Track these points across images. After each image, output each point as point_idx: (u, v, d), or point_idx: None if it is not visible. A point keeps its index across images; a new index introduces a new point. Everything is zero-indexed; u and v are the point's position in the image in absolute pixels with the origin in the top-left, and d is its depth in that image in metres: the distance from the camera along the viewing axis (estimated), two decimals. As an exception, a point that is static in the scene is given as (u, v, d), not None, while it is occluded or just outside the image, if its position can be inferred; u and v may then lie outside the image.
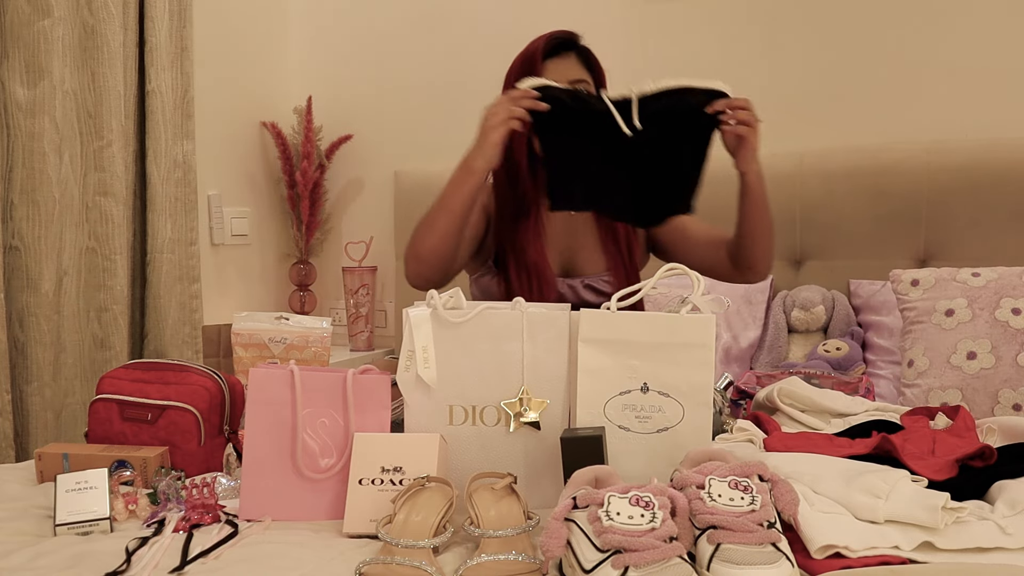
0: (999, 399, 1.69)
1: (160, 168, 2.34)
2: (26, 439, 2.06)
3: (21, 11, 2.03)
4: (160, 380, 1.43)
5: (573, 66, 1.67)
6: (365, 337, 2.80)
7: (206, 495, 1.20)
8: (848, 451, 1.22)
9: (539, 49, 1.64)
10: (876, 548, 0.96)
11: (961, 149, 2.12)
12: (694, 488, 0.97)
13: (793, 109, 2.39)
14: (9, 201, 2.04)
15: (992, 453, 1.12)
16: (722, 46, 2.45)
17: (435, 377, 1.23)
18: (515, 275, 1.65)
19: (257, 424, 1.22)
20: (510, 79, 1.66)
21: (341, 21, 2.95)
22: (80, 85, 2.16)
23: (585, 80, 1.66)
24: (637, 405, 1.20)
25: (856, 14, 2.32)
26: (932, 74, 2.26)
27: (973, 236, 2.09)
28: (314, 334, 1.75)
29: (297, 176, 2.84)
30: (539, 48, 1.64)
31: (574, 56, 1.68)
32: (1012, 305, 1.73)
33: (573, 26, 1.72)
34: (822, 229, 2.24)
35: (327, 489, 1.20)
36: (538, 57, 1.63)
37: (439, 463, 1.16)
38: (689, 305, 1.20)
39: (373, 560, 0.98)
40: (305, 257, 2.94)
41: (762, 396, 1.52)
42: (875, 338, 2.08)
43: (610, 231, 1.71)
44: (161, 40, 2.32)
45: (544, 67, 1.63)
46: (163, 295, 2.34)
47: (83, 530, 1.14)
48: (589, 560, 0.90)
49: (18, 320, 2.05)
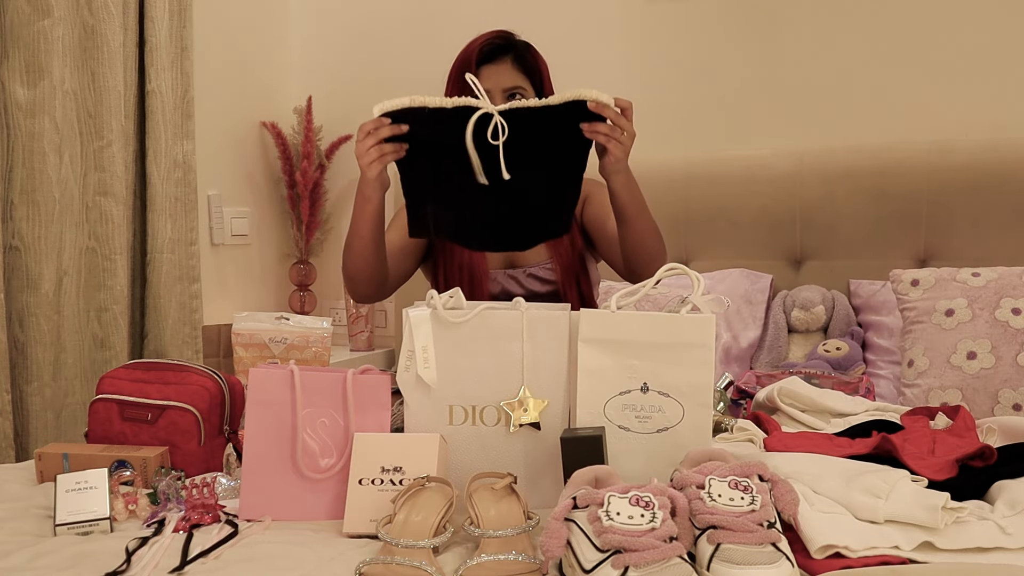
0: (999, 399, 1.69)
1: (160, 168, 2.34)
2: (26, 439, 2.06)
3: (21, 11, 2.03)
4: (160, 380, 1.42)
5: (507, 71, 1.63)
6: (365, 337, 2.80)
7: (206, 495, 1.20)
8: (848, 451, 1.22)
9: (473, 55, 1.61)
10: (876, 548, 0.96)
11: (961, 149, 2.12)
12: (694, 488, 0.97)
13: (793, 109, 2.39)
14: (9, 201, 2.04)
15: (992, 453, 1.13)
16: (722, 46, 2.45)
17: (435, 377, 1.23)
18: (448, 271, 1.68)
19: (257, 424, 1.22)
20: (449, 83, 1.64)
21: (341, 21, 2.95)
22: (80, 85, 2.16)
23: (520, 87, 1.63)
24: (637, 405, 1.20)
25: (856, 14, 2.32)
26: (932, 74, 2.26)
27: (973, 236, 2.09)
28: (314, 334, 1.76)
29: (297, 176, 2.84)
30: (473, 54, 1.61)
31: (509, 60, 1.64)
32: (1012, 305, 1.74)
33: (573, 26, 1.72)
34: (822, 229, 2.24)
35: (327, 489, 1.20)
36: (472, 64, 1.60)
37: (439, 463, 1.16)
38: (689, 305, 1.20)
39: (373, 560, 0.98)
40: (305, 257, 2.94)
41: (762, 396, 1.52)
42: (875, 338, 2.08)
43: None
44: (161, 40, 2.32)
45: (479, 73, 1.60)
46: (163, 295, 2.34)
47: (83, 530, 1.14)
48: (589, 560, 0.90)
49: (18, 320, 2.05)
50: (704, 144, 2.44)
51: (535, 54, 1.66)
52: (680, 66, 2.50)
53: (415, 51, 2.82)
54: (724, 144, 2.45)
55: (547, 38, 1.71)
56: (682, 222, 2.35)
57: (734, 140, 2.44)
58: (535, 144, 1.35)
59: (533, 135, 1.34)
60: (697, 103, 2.47)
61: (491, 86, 1.59)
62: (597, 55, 2.54)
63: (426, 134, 1.37)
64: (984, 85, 2.21)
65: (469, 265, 1.66)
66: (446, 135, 1.34)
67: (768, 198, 2.27)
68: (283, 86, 2.97)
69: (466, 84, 1.43)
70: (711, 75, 2.47)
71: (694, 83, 2.46)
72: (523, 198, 1.40)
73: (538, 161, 1.37)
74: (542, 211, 1.43)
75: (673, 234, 2.35)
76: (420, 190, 1.43)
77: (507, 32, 1.66)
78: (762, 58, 2.41)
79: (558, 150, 1.37)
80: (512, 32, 1.67)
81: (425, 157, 1.39)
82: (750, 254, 2.30)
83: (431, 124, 1.35)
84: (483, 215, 1.43)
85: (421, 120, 1.35)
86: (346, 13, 2.94)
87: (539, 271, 1.70)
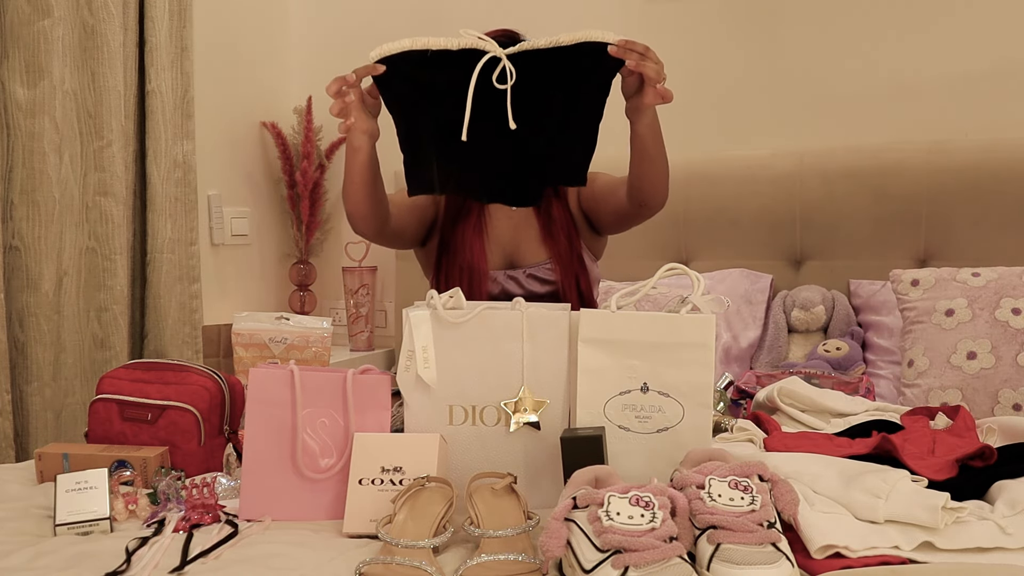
0: (999, 399, 1.69)
1: (160, 168, 2.34)
2: (26, 439, 2.06)
3: (21, 11, 2.02)
4: (160, 380, 1.42)
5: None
6: (365, 337, 2.80)
7: (206, 495, 1.20)
8: (848, 451, 1.22)
9: None
10: (876, 548, 0.96)
11: (961, 149, 2.12)
12: (694, 488, 0.97)
13: (793, 109, 2.39)
14: (9, 201, 2.04)
15: (992, 453, 1.13)
16: (722, 46, 2.45)
17: (435, 377, 1.23)
18: (449, 272, 1.67)
19: (257, 424, 1.22)
20: None
21: (341, 21, 2.95)
22: (80, 85, 2.15)
23: None
24: (637, 405, 1.20)
25: (856, 14, 2.32)
26: (932, 74, 2.26)
27: (973, 236, 2.09)
28: (314, 334, 1.76)
29: (297, 176, 2.84)
30: None
31: None
32: (1012, 305, 1.74)
33: (573, 26, 1.71)
34: (822, 229, 2.24)
35: (327, 489, 1.20)
36: None
37: (439, 463, 1.16)
38: (689, 305, 1.20)
39: (373, 560, 0.98)
40: (305, 257, 2.94)
41: (762, 396, 1.52)
42: (875, 338, 2.08)
43: (548, 221, 1.70)
44: (161, 40, 2.32)
45: None
46: (163, 295, 2.34)
47: (83, 530, 1.14)
48: (589, 560, 0.90)
49: (18, 320, 2.05)
50: (704, 144, 2.44)
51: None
52: (680, 66, 2.49)
53: (415, 51, 2.82)
54: (724, 144, 2.45)
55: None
56: (682, 222, 2.35)
57: (734, 140, 2.44)
58: (545, 89, 1.30)
59: (543, 80, 1.30)
60: (697, 103, 2.47)
61: None
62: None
63: (427, 79, 1.31)
64: (984, 86, 2.21)
65: (469, 266, 1.66)
66: (449, 80, 1.29)
67: (768, 198, 2.27)
68: (283, 86, 2.97)
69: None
70: (711, 75, 2.47)
71: (694, 83, 2.46)
72: (534, 147, 1.35)
73: (549, 107, 1.32)
74: (554, 160, 1.37)
75: (673, 234, 2.36)
76: (419, 141, 1.36)
77: (514, 32, 1.64)
78: (762, 58, 2.41)
79: (571, 96, 1.32)
80: (518, 32, 1.66)
81: (426, 104, 1.33)
82: (750, 254, 2.30)
83: (433, 68, 1.30)
84: (491, 164, 1.37)
85: (422, 64, 1.30)
86: (346, 13, 2.94)
87: (539, 271, 1.70)
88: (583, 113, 1.34)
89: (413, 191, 1.41)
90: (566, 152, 1.37)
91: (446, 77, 1.30)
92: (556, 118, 1.34)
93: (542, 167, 1.40)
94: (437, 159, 1.37)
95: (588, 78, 1.31)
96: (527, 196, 1.45)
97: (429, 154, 1.37)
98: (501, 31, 1.63)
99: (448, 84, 1.30)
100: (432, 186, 1.40)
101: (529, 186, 1.43)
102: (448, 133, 1.33)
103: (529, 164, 1.39)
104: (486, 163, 1.38)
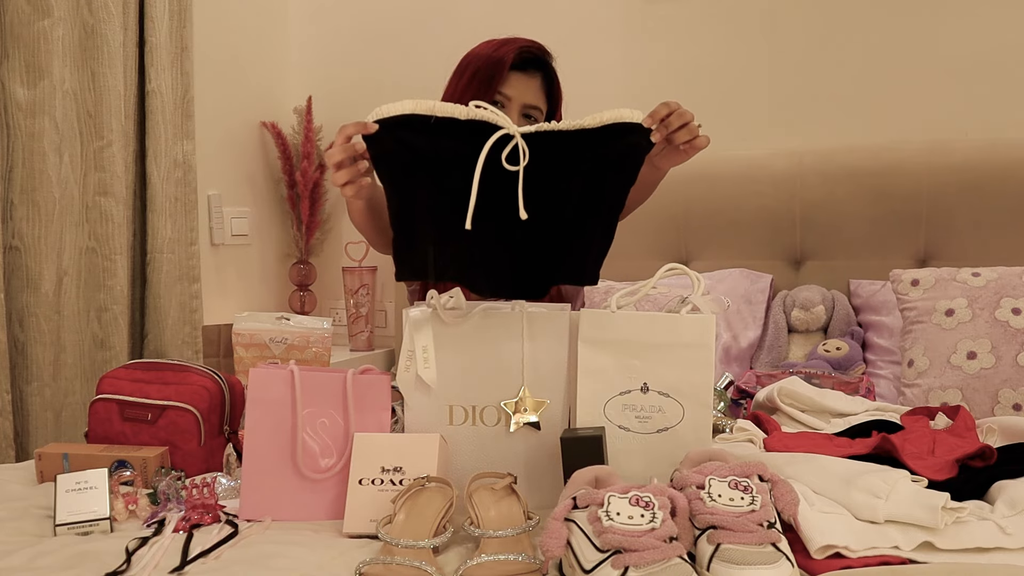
0: (999, 399, 1.68)
1: (160, 168, 2.34)
2: (26, 439, 2.06)
3: (21, 11, 2.02)
4: (160, 380, 1.43)
5: (534, 87, 1.57)
6: (365, 337, 2.80)
7: (206, 495, 1.20)
8: (848, 451, 1.22)
9: (508, 58, 1.53)
10: (876, 548, 0.96)
11: (961, 149, 2.12)
12: (694, 488, 0.97)
13: (793, 109, 2.39)
14: (9, 201, 2.04)
15: (992, 453, 1.13)
16: (722, 46, 2.45)
17: (435, 377, 1.23)
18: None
19: (257, 424, 1.22)
20: (465, 76, 1.55)
21: (341, 21, 2.95)
22: (80, 85, 2.16)
23: (538, 108, 1.57)
24: (637, 405, 1.20)
25: (856, 14, 2.32)
26: (932, 74, 2.26)
27: (973, 236, 2.09)
28: (315, 334, 1.75)
29: (297, 176, 2.84)
30: (509, 57, 1.53)
31: (540, 77, 1.58)
32: (1012, 305, 1.73)
33: (574, 26, 1.71)
34: (822, 229, 2.23)
35: (327, 489, 1.20)
36: (505, 66, 1.52)
37: (439, 463, 1.16)
38: (689, 305, 1.20)
39: (373, 560, 0.98)
40: (305, 257, 2.94)
41: (762, 396, 1.52)
42: (875, 338, 2.08)
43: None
44: (161, 40, 2.32)
45: (507, 78, 1.53)
46: (163, 295, 2.34)
47: (83, 530, 1.14)
48: (589, 560, 0.90)
49: (18, 320, 2.05)
50: (704, 144, 2.44)
51: (558, 80, 1.62)
52: (680, 66, 2.50)
53: (416, 51, 2.82)
54: (724, 144, 2.44)
55: (548, 38, 1.70)
56: (682, 222, 2.34)
57: (734, 140, 2.44)
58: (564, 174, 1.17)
59: (561, 164, 1.17)
60: (697, 103, 2.44)
61: (513, 95, 1.54)
62: (598, 55, 2.54)
63: (428, 148, 1.15)
64: (984, 85, 2.21)
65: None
66: (453, 151, 1.15)
67: (768, 198, 2.27)
68: (283, 86, 2.97)
69: (484, 87, 1.42)
70: (711, 75, 2.47)
71: (694, 83, 2.46)
72: (547, 239, 1.21)
73: (567, 195, 1.18)
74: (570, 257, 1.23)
75: (673, 234, 2.36)
76: (413, 219, 1.21)
77: (542, 45, 1.60)
78: (762, 58, 2.41)
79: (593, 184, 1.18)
80: (545, 47, 1.60)
81: (425, 177, 1.17)
82: (750, 254, 2.30)
83: (436, 137, 1.15)
84: (497, 255, 1.22)
85: (424, 131, 1.15)
86: (346, 13, 2.94)
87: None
88: (606, 205, 1.21)
89: (402, 276, 1.23)
90: (582, 250, 1.23)
91: (451, 149, 1.15)
92: (574, 208, 1.19)
93: (555, 265, 1.24)
94: (434, 242, 1.20)
95: (614, 165, 1.18)
96: (533, 292, 1.26)
97: (425, 235, 1.21)
98: (533, 42, 1.59)
99: (454, 158, 1.15)
100: (425, 271, 1.23)
101: (538, 283, 1.26)
102: (449, 212, 1.17)
103: (540, 260, 1.23)
104: (491, 254, 1.22)
